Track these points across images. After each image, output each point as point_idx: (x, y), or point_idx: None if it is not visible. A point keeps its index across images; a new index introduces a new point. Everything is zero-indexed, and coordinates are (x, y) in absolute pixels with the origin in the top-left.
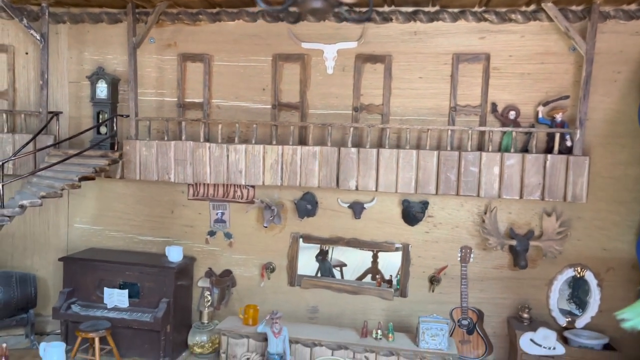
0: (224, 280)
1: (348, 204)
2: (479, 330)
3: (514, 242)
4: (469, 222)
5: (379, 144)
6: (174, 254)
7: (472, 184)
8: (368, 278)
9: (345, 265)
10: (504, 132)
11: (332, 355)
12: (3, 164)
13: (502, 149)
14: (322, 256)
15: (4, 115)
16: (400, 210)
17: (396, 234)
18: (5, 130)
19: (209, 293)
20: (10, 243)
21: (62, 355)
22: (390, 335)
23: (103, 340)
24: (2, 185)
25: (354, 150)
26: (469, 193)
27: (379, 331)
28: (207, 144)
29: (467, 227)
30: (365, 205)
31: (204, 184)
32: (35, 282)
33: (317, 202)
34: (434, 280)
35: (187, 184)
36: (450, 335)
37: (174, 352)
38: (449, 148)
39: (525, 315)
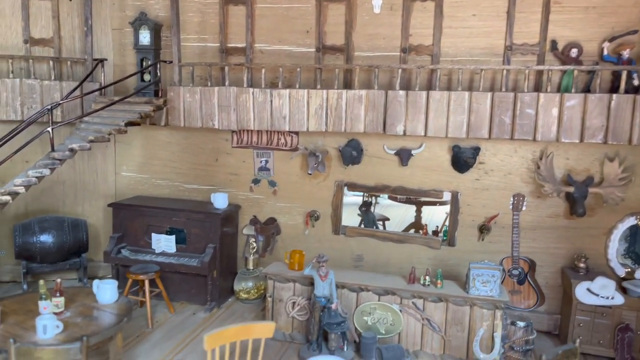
0: (268, 228)
1: (394, 151)
2: (530, 281)
3: (571, 189)
4: (522, 168)
5: (429, 87)
6: (220, 201)
7: (528, 127)
8: (409, 232)
9: (388, 219)
10: (564, 72)
11: (379, 300)
12: (52, 108)
13: (562, 89)
14: (365, 207)
15: (51, 63)
16: (450, 157)
17: (445, 181)
18: (52, 77)
19: (254, 240)
20: (62, 190)
21: (115, 292)
22: (438, 281)
23: (152, 283)
24: (52, 130)
25: (402, 93)
26: (524, 137)
27: (427, 277)
28: (251, 90)
29: (520, 174)
30: (412, 152)
31: (248, 132)
32: (86, 227)
33: (362, 149)
34: (483, 229)
35: (230, 131)
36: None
37: (220, 297)
38: (503, 89)
39: (582, 265)
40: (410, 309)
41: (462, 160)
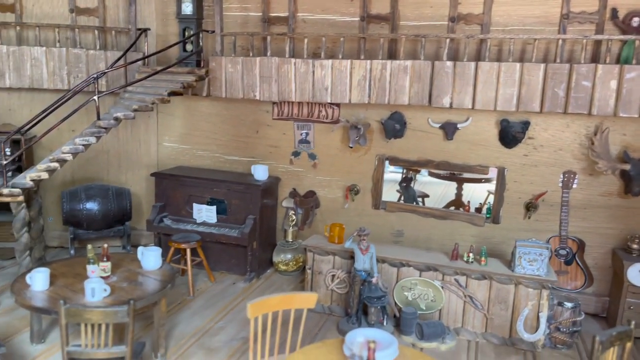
0: (307, 201)
1: (439, 124)
2: (578, 261)
3: (627, 167)
4: (574, 144)
5: (477, 57)
6: (260, 173)
7: (583, 100)
8: (450, 209)
9: (427, 196)
10: (625, 42)
11: (420, 276)
12: (98, 77)
13: (622, 60)
14: (405, 183)
15: (96, 32)
16: (498, 131)
17: (491, 156)
18: (97, 47)
19: (293, 213)
20: (106, 159)
21: (159, 259)
22: (482, 258)
23: (194, 252)
24: (98, 98)
25: (449, 64)
26: (579, 111)
27: (471, 254)
28: (293, 60)
29: (572, 150)
30: (458, 126)
31: (289, 104)
32: (130, 196)
33: (405, 122)
34: (530, 207)
35: (271, 102)
36: None
37: (259, 268)
38: (558, 60)
39: (635, 246)
40: (452, 285)
41: (510, 134)
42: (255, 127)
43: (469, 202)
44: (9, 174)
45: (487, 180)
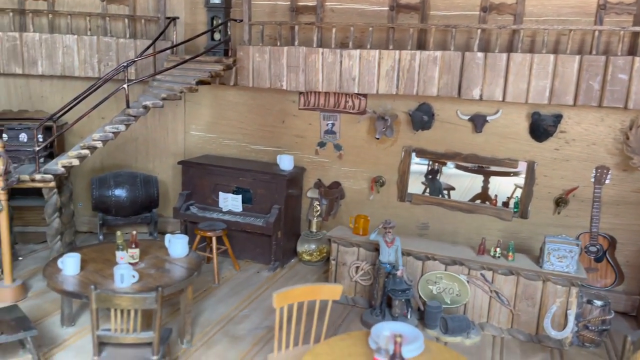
0: (332, 192)
1: (468, 117)
2: (609, 258)
3: None
4: (608, 138)
5: (509, 49)
6: (285, 163)
7: (619, 93)
8: (477, 202)
9: (453, 188)
10: None
11: (446, 270)
12: (127, 66)
13: None
14: (431, 175)
15: (126, 21)
16: (528, 124)
17: (521, 150)
18: (127, 35)
19: (317, 203)
20: (134, 147)
21: (186, 246)
22: (510, 254)
23: (219, 241)
24: (127, 87)
25: (480, 55)
26: (614, 104)
27: (498, 249)
28: (320, 50)
29: (605, 145)
30: (488, 118)
31: (315, 94)
32: (157, 183)
33: (433, 113)
34: (560, 202)
35: (298, 92)
36: None
37: (283, 257)
38: (593, 52)
39: None
40: (478, 280)
41: (541, 128)
42: (282, 117)
43: (496, 196)
44: (41, 160)
45: (515, 174)
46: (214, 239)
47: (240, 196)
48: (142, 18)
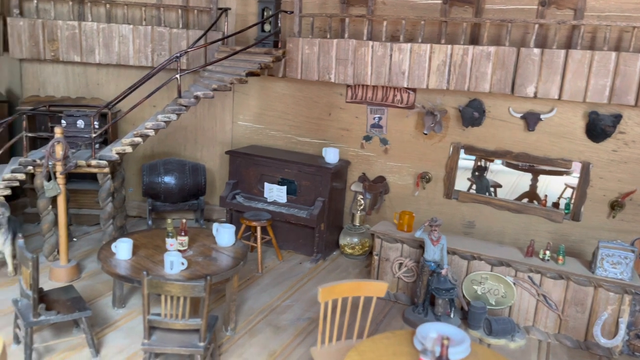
0: (377, 186)
1: (521, 114)
2: None
3: None
4: None
5: (568, 45)
6: (331, 156)
7: None
8: (525, 202)
9: (500, 186)
10: None
11: (492, 270)
12: (180, 56)
13: None
14: (479, 172)
15: (179, 11)
16: (585, 124)
17: (575, 150)
18: (180, 25)
19: (361, 197)
20: (184, 135)
21: (232, 236)
22: (560, 257)
23: (263, 230)
24: (179, 77)
25: (536, 51)
26: None
27: (548, 252)
28: (370, 43)
29: None
30: (541, 116)
31: (363, 87)
32: (205, 172)
33: (484, 110)
34: (616, 206)
35: (345, 85)
36: None
37: (326, 249)
38: None
39: None
40: (525, 283)
41: (599, 128)
42: (328, 110)
43: (546, 196)
44: (96, 146)
45: (566, 173)
46: (258, 229)
47: (285, 187)
48: (194, 9)
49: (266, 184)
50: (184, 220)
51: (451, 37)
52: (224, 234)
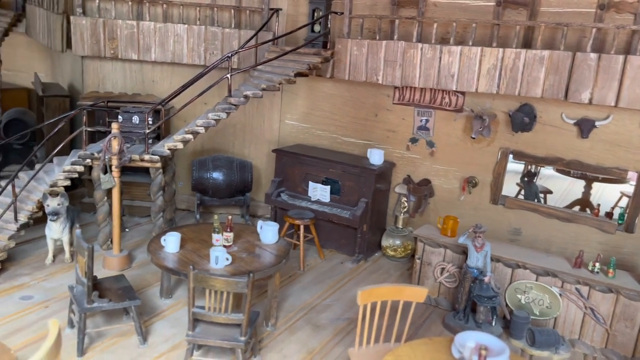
0: (421, 189)
1: (574, 120)
2: None
3: None
4: None
5: (627, 50)
6: (375, 157)
7: None
8: (576, 210)
9: (550, 192)
10: None
11: (537, 280)
12: (231, 56)
13: None
14: (528, 178)
15: (232, 12)
16: None
17: (632, 159)
18: (232, 25)
19: (405, 200)
20: (233, 132)
21: (276, 233)
22: (610, 270)
23: (306, 229)
24: (230, 76)
25: (593, 56)
26: None
27: (597, 264)
28: (419, 45)
29: None
30: (596, 123)
31: (411, 89)
32: (251, 169)
33: (535, 115)
34: None
35: (393, 87)
36: None
37: (368, 250)
38: None
39: None
40: (572, 294)
41: None
42: (375, 111)
43: (599, 205)
44: (150, 141)
45: (623, 181)
46: (301, 227)
47: (329, 187)
48: (247, 9)
49: (310, 183)
50: (229, 217)
51: (503, 40)
52: (268, 232)
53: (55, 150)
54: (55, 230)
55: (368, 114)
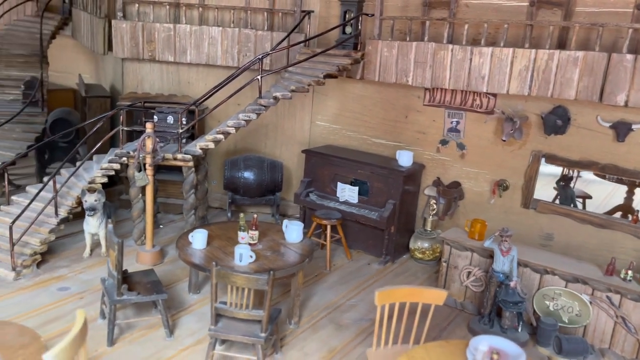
0: (451, 192)
1: (610, 123)
2: None
3: None
4: None
5: None
6: (404, 159)
7: None
8: (617, 216)
9: (590, 197)
10: None
11: (566, 287)
12: (262, 58)
13: None
14: (564, 182)
15: (265, 14)
16: None
17: None
18: (265, 27)
19: (434, 202)
20: (264, 133)
21: (300, 233)
22: None
23: (334, 229)
24: (261, 78)
25: (629, 57)
26: None
27: (630, 272)
28: (450, 46)
29: None
30: (633, 127)
31: (441, 90)
32: (282, 169)
33: (569, 117)
34: None
35: (423, 88)
36: None
37: (395, 252)
38: None
39: None
40: (603, 302)
41: None
42: (405, 112)
43: (637, 211)
44: (183, 140)
45: None
46: (328, 227)
47: (357, 188)
48: (279, 11)
49: (339, 184)
50: (255, 216)
51: (536, 41)
52: (293, 231)
53: (94, 149)
54: (93, 225)
55: (398, 115)
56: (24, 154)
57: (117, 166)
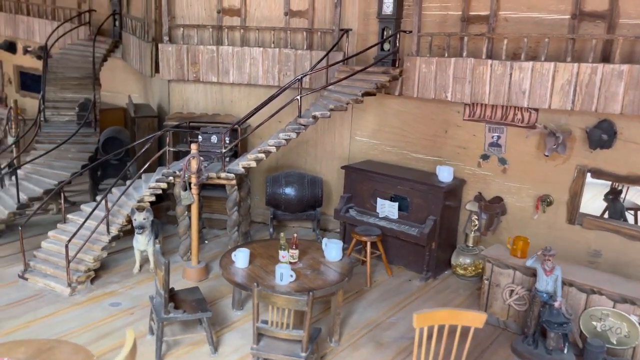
0: (493, 207)
1: None
2: None
3: None
4: None
5: None
6: (445, 174)
7: None
8: None
9: None
10: None
11: (614, 307)
12: (302, 78)
13: None
14: (613, 195)
15: (304, 33)
16: None
17: None
18: (305, 47)
19: (476, 217)
20: (305, 149)
21: (340, 251)
22: None
23: (374, 245)
24: (300, 98)
25: None
26: None
27: None
28: (489, 61)
29: None
30: None
31: (481, 105)
32: (322, 185)
33: (615, 131)
34: None
35: (463, 103)
36: None
37: (436, 268)
38: None
39: None
40: None
41: None
42: (445, 127)
43: None
44: (227, 159)
45: None
46: (368, 244)
47: (397, 204)
48: (318, 30)
49: (379, 200)
50: (295, 235)
51: (578, 54)
52: (332, 249)
53: (142, 169)
54: (142, 242)
55: (438, 130)
56: (79, 174)
57: (164, 185)
